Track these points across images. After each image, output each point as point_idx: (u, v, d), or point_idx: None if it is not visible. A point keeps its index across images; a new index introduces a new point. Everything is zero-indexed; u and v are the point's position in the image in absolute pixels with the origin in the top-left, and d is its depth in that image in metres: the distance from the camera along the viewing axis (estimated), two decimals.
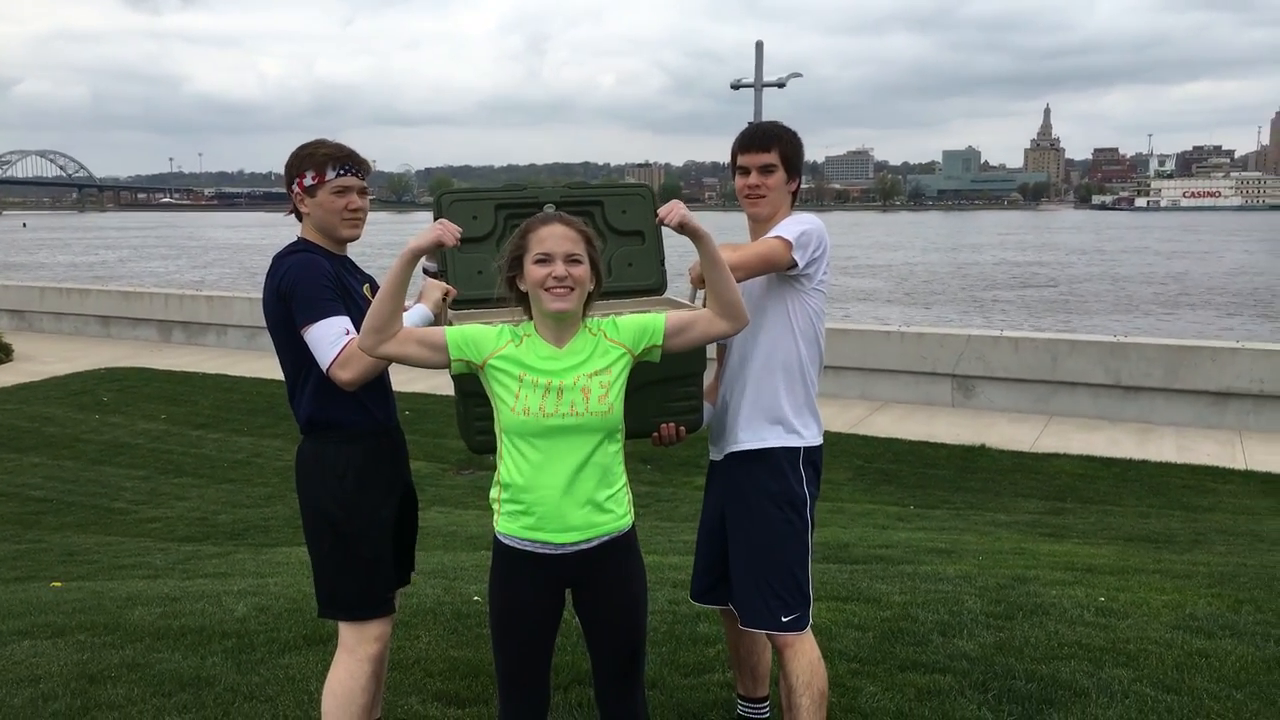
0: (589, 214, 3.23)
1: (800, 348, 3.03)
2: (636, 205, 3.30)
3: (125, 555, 7.30)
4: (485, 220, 3.21)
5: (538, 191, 3.29)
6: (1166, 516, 7.98)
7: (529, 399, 2.46)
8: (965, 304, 37.42)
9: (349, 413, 2.94)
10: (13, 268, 55.20)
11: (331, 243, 3.03)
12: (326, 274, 2.89)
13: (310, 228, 3.04)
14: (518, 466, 2.50)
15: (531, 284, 2.48)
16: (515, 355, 2.51)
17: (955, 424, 11.13)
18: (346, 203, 2.98)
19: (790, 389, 3.03)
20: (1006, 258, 64.44)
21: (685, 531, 7.22)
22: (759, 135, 3.13)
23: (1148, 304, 37.19)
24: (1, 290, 21.13)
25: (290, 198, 3.06)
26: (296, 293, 2.84)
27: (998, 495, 8.85)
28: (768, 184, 3.09)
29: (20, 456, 10.76)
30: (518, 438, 2.49)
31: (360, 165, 3.04)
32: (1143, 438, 10.46)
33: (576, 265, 2.47)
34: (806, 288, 3.03)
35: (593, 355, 2.52)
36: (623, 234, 3.29)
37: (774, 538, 2.97)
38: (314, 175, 2.97)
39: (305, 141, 3.08)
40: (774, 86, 24.50)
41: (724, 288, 2.59)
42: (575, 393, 2.47)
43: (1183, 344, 11.87)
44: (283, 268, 2.89)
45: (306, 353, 2.85)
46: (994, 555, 6.06)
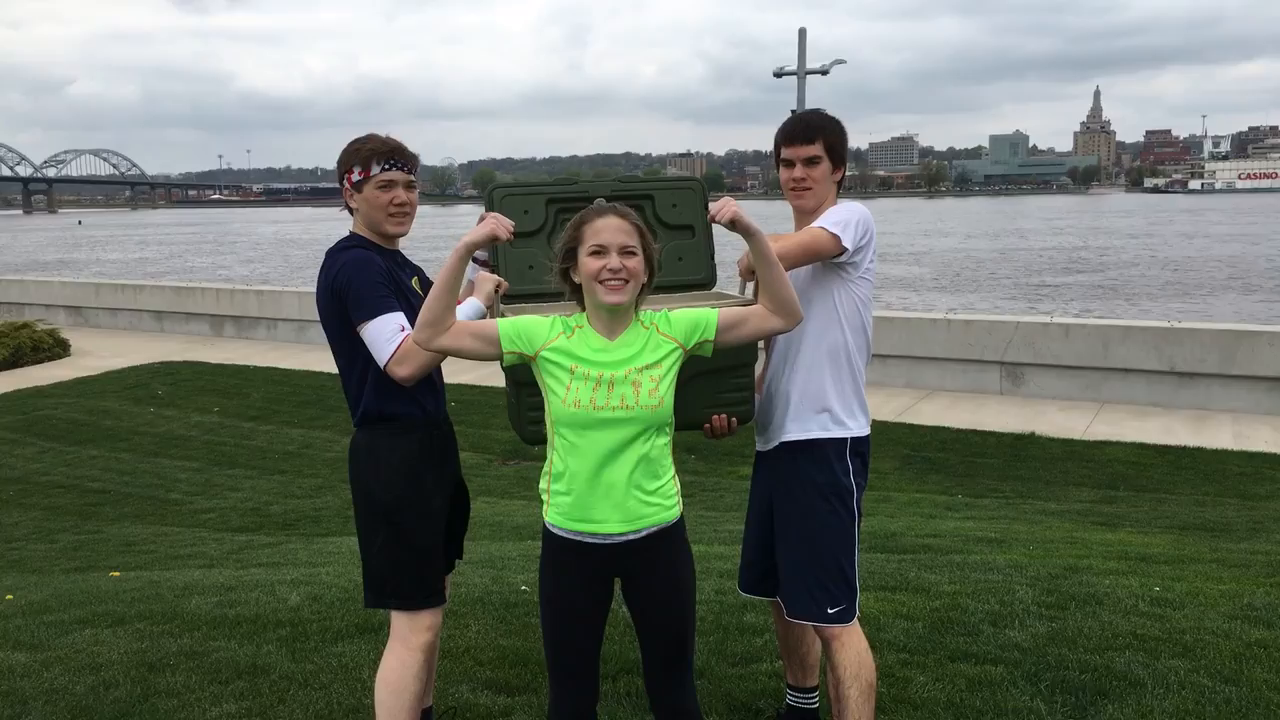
0: (639, 208, 3.18)
1: (847, 336, 3.01)
2: (687, 199, 3.29)
3: (181, 545, 7.46)
4: (536, 215, 3.21)
5: (588, 186, 3.28)
6: (1223, 505, 7.82)
7: (580, 391, 2.47)
8: (1010, 290, 36.86)
9: (402, 405, 2.97)
10: (67, 264, 56.54)
11: (380, 237, 3.05)
12: (380, 270, 2.91)
13: (360, 223, 3.07)
14: (568, 457, 2.51)
15: (586, 276, 2.49)
16: (567, 347, 2.52)
17: (1004, 412, 10.98)
18: (391, 197, 3.00)
19: (837, 378, 3.00)
20: (1053, 243, 63.36)
21: (730, 521, 7.21)
22: (802, 127, 3.08)
23: (1200, 288, 36.34)
24: (59, 287, 21.64)
25: (342, 193, 3.09)
26: (351, 290, 2.86)
27: (1048, 484, 8.72)
28: (813, 176, 3.05)
29: (79, 449, 11.03)
30: (568, 429, 2.50)
31: (406, 159, 3.05)
32: (1198, 425, 10.24)
33: (631, 257, 2.48)
34: (853, 276, 2.99)
35: (644, 349, 2.53)
36: (673, 228, 3.28)
37: (820, 529, 2.95)
38: (360, 170, 2.99)
39: (356, 136, 3.10)
40: (817, 74, 24.30)
41: (778, 285, 2.58)
42: (626, 386, 2.47)
43: (1239, 329, 11.60)
44: (336, 264, 2.93)
45: (360, 347, 2.89)
46: (1045, 544, 5.98)
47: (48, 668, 3.93)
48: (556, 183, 3.31)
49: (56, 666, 3.93)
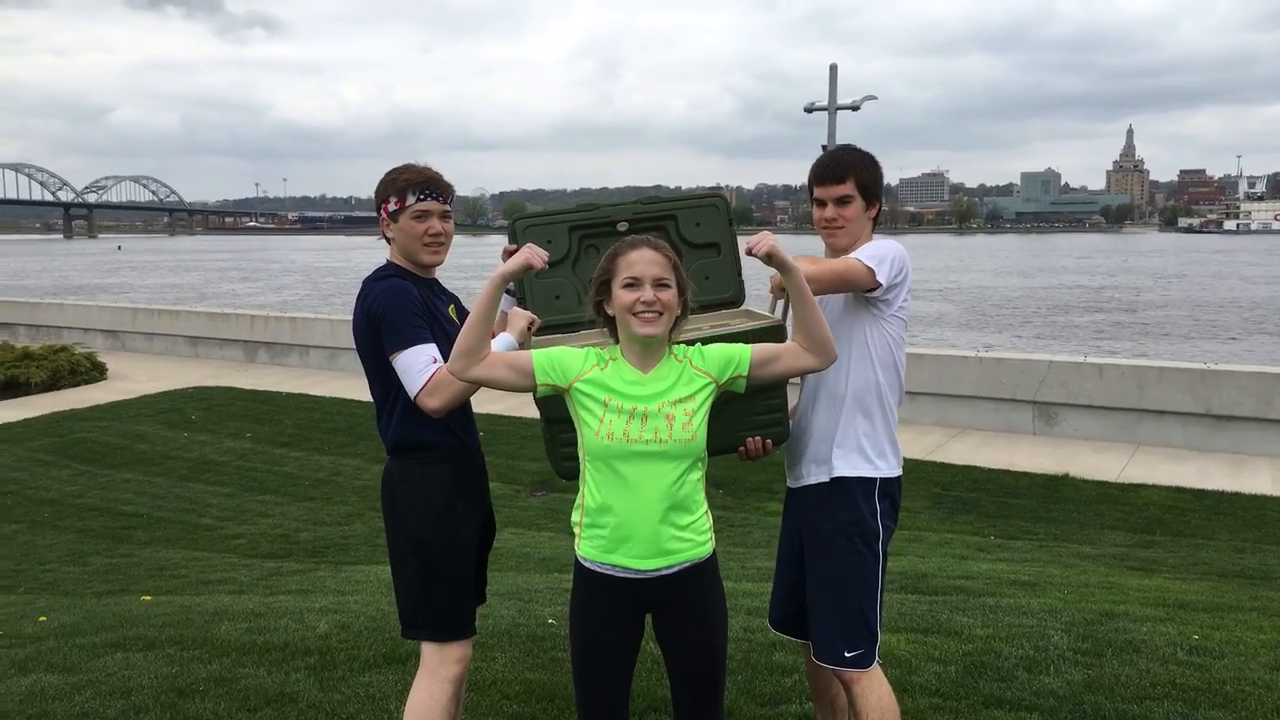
0: (662, 228, 3.21)
1: (879, 375, 2.97)
2: (710, 217, 3.26)
3: (212, 570, 7.50)
4: (560, 243, 3.20)
5: (610, 211, 3.26)
6: (1263, 552, 7.66)
7: (613, 424, 2.47)
8: (1039, 328, 36.52)
9: (435, 435, 2.98)
10: (103, 289, 57.44)
11: (416, 267, 3.06)
12: (414, 300, 2.92)
13: (396, 252, 3.09)
14: (601, 491, 2.51)
15: (620, 308, 2.50)
16: (601, 379, 2.53)
17: (1036, 452, 10.86)
18: (426, 228, 3.01)
19: (868, 418, 2.97)
20: (1081, 282, 62.83)
21: (759, 558, 7.15)
22: (833, 166, 3.05)
23: (1232, 329, 35.84)
24: (97, 311, 21.99)
25: (379, 222, 3.10)
26: (385, 319, 2.88)
27: (1083, 526, 8.59)
28: (844, 215, 3.02)
29: (114, 472, 11.16)
30: (601, 462, 2.50)
31: (442, 189, 3.06)
32: (1235, 469, 10.07)
33: (665, 290, 2.48)
34: (885, 313, 2.96)
35: (678, 382, 2.53)
36: (698, 247, 3.25)
37: (842, 570, 2.90)
38: (396, 200, 3.00)
39: (394, 166, 3.11)
40: (848, 109, 24.36)
41: (814, 324, 2.57)
42: (659, 419, 2.47)
43: (1276, 371, 11.42)
44: (373, 293, 2.95)
45: (395, 376, 2.90)
46: (1080, 589, 5.88)
47: (79, 691, 3.95)
48: (578, 209, 3.27)
49: (88, 690, 3.96)
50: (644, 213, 3.24)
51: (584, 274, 3.20)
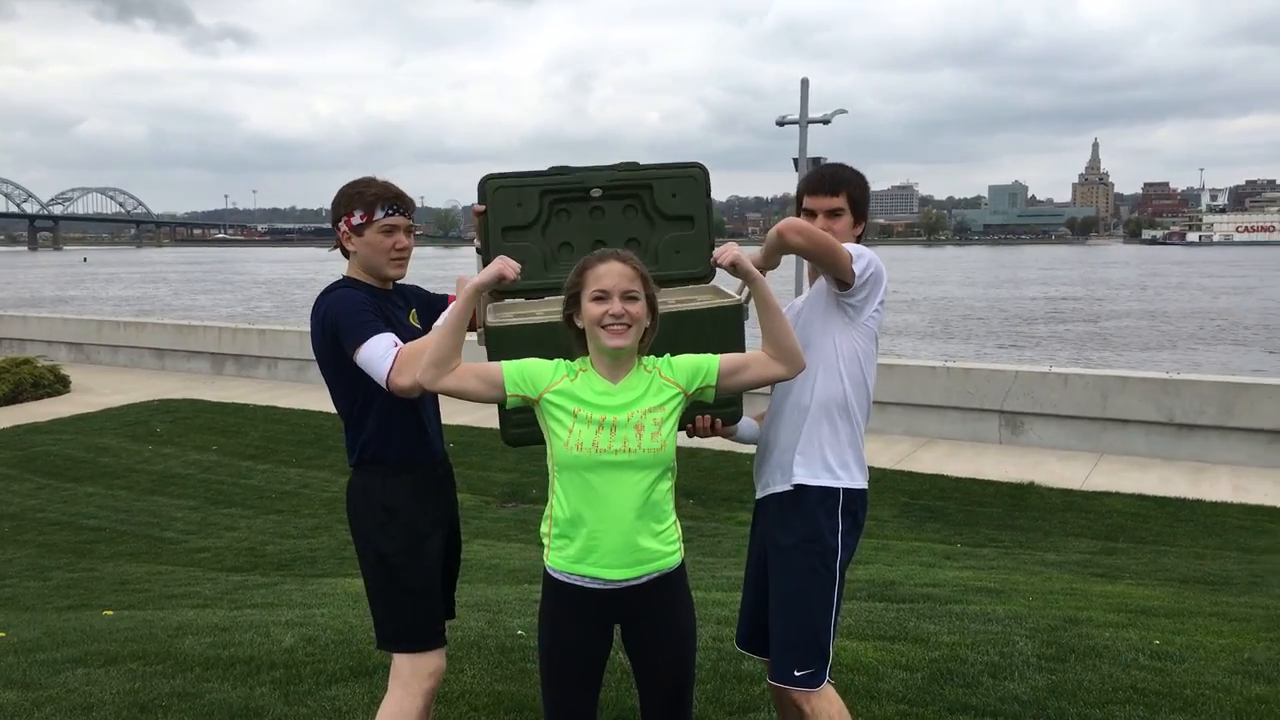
0: (637, 197, 3.14)
1: (846, 387, 2.94)
2: (688, 188, 3.16)
3: (175, 584, 7.41)
4: (530, 207, 3.12)
5: (584, 176, 3.15)
6: (1223, 558, 7.79)
7: (582, 434, 2.48)
8: (1001, 338, 36.95)
9: (396, 446, 2.97)
10: (66, 301, 56.66)
11: (377, 280, 3.05)
12: (365, 302, 2.92)
13: (356, 265, 3.06)
14: (570, 501, 2.51)
15: (589, 321, 2.52)
16: (570, 390, 2.54)
17: (1003, 461, 10.97)
18: (394, 242, 3.00)
19: (833, 429, 2.93)
20: (1045, 292, 63.61)
21: (728, 567, 7.17)
22: (828, 178, 3.06)
23: (1189, 340, 36.43)
24: (61, 324, 21.70)
25: (337, 234, 3.07)
26: (340, 322, 2.88)
27: (1048, 534, 8.69)
28: (834, 228, 3.00)
29: (76, 486, 11.00)
30: (570, 472, 2.51)
31: (407, 204, 3.06)
32: (1197, 477, 10.22)
33: (633, 303, 2.50)
34: (856, 321, 2.94)
35: (647, 392, 2.55)
36: (672, 219, 3.17)
37: (799, 589, 2.87)
38: (362, 214, 2.98)
39: (353, 179, 3.09)
40: (819, 123, 24.53)
41: (781, 333, 2.59)
42: (629, 429, 2.48)
43: (1238, 381, 11.63)
44: (325, 303, 2.95)
45: (357, 385, 2.90)
46: (1045, 595, 5.95)
47: (39, 707, 3.89)
48: (552, 172, 3.16)
49: (48, 706, 3.90)
50: (619, 180, 3.15)
51: (553, 239, 3.17)
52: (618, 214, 3.18)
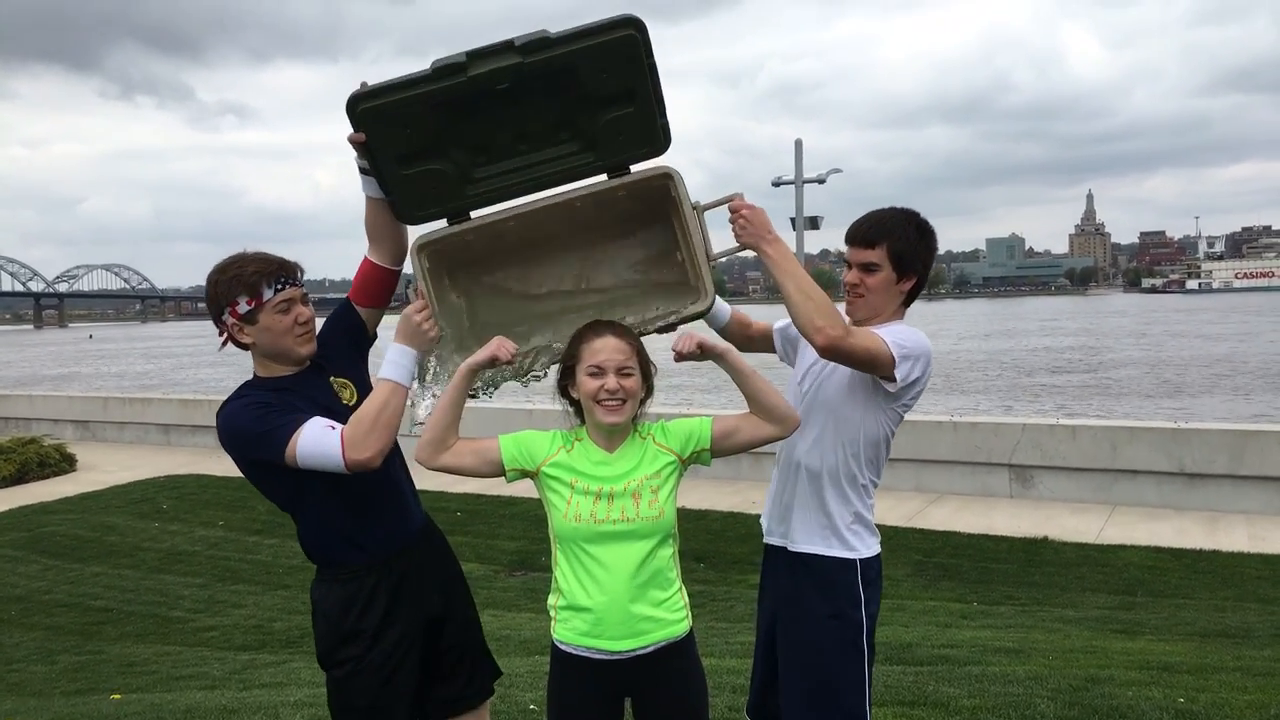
0: (560, 84, 2.55)
1: (863, 456, 2.84)
2: (617, 60, 2.52)
3: (183, 665, 7.32)
4: (423, 125, 2.55)
5: (482, 75, 2.48)
6: (1243, 610, 7.67)
7: (581, 505, 2.50)
8: (1006, 391, 36.86)
9: (339, 550, 2.79)
10: (68, 378, 56.85)
11: (288, 365, 2.75)
12: (259, 402, 2.64)
13: (259, 359, 2.75)
14: (573, 572, 2.52)
15: (584, 395, 2.55)
16: (567, 462, 2.55)
17: (1015, 515, 10.88)
18: (295, 316, 2.69)
19: (843, 500, 2.83)
20: (1048, 343, 63.66)
21: (742, 633, 7.07)
22: (863, 229, 2.79)
23: (1191, 388, 36.30)
24: (67, 402, 21.74)
25: (222, 330, 2.71)
26: (247, 439, 2.62)
27: (1064, 589, 8.58)
28: (867, 284, 2.78)
29: (82, 566, 10.92)
30: (571, 544, 2.52)
31: (294, 272, 2.73)
32: (1211, 527, 10.12)
33: (628, 378, 2.53)
34: (887, 407, 2.80)
35: (643, 461, 2.56)
36: (607, 100, 2.60)
37: (828, 676, 2.75)
38: (249, 299, 2.64)
39: (221, 262, 2.71)
40: (814, 182, 24.83)
41: (763, 395, 2.58)
42: (626, 499, 2.50)
43: (1247, 429, 11.57)
44: (221, 426, 2.72)
45: (289, 490, 2.74)
46: (1064, 654, 5.86)
47: None
48: (436, 74, 2.47)
49: None
50: (530, 68, 2.49)
51: (463, 145, 2.64)
52: (538, 99, 2.59)
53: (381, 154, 2.62)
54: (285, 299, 2.68)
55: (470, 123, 2.59)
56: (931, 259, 2.87)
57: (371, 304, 2.95)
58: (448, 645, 2.91)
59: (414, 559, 2.86)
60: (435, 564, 2.94)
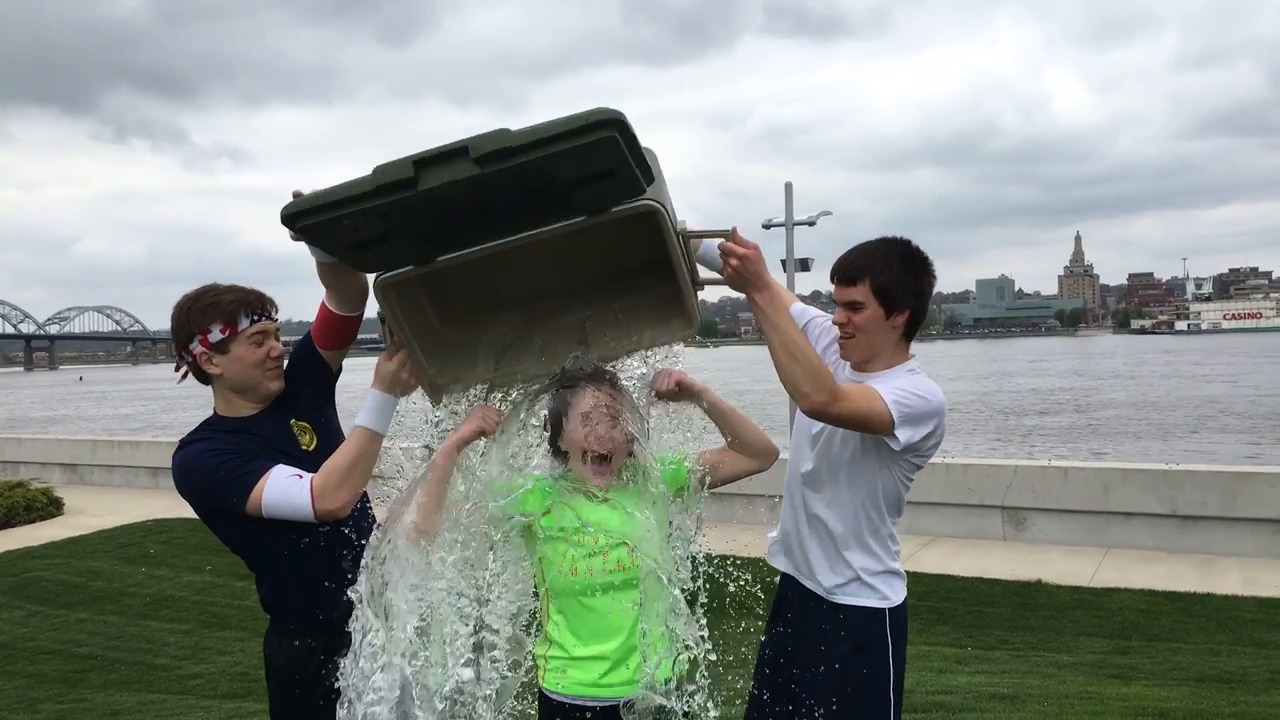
0: (527, 182, 2.19)
1: (883, 507, 2.73)
2: (594, 159, 2.15)
3: (168, 713, 7.20)
4: (371, 225, 2.26)
5: (434, 194, 2.14)
6: (1238, 654, 7.63)
7: (575, 560, 2.49)
8: (992, 433, 36.87)
9: (298, 604, 2.69)
10: (56, 421, 56.53)
11: (254, 402, 2.67)
12: (218, 450, 2.55)
13: (223, 394, 2.67)
14: (568, 624, 2.51)
15: (573, 446, 2.55)
16: (559, 515, 2.54)
17: (1009, 558, 10.83)
18: (267, 350, 2.63)
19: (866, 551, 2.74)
20: (1037, 384, 63.82)
21: (736, 679, 7.00)
22: (846, 264, 2.66)
23: (1178, 429, 36.39)
24: (55, 445, 21.60)
25: (185, 360, 2.63)
26: (208, 489, 2.54)
27: (1059, 634, 8.52)
28: (855, 322, 2.63)
29: (68, 612, 10.77)
30: (567, 597, 2.51)
31: (271, 305, 2.67)
32: (1205, 570, 10.09)
33: (617, 426, 2.54)
34: (899, 460, 2.67)
35: (636, 514, 2.54)
36: (586, 180, 2.24)
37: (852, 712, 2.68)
38: (223, 327, 2.57)
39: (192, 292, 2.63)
40: (805, 225, 25.01)
41: (742, 432, 2.61)
42: (620, 550, 2.49)
43: (1239, 470, 11.57)
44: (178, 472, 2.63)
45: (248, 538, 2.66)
46: (1060, 700, 5.81)
47: None
48: (379, 190, 2.14)
49: None
50: (489, 179, 2.13)
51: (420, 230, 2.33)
52: (497, 198, 2.26)
53: (328, 248, 2.46)
54: (260, 330, 2.63)
55: (424, 221, 2.29)
56: (925, 289, 2.67)
57: (333, 347, 2.83)
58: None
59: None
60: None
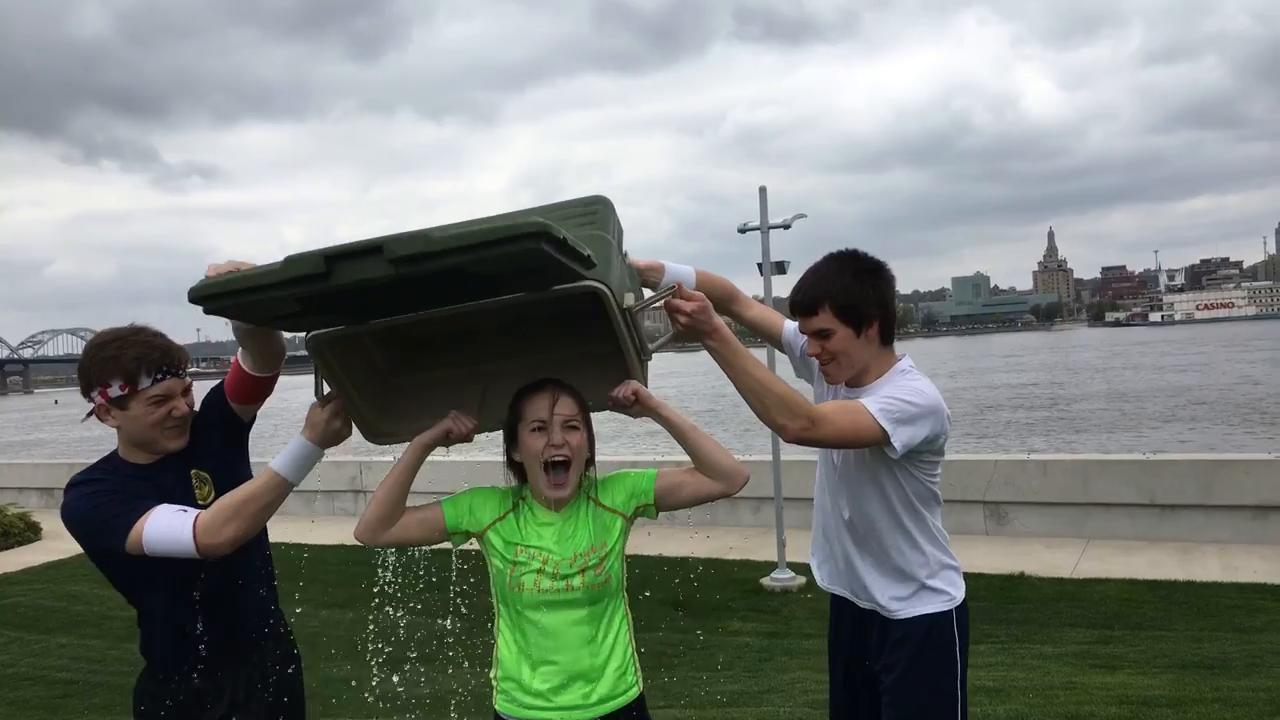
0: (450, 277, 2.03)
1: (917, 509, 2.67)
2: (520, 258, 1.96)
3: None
4: (286, 306, 2.13)
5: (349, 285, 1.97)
6: (1219, 639, 7.70)
7: (524, 577, 2.41)
8: (967, 428, 37.07)
9: (160, 646, 2.56)
10: (32, 445, 55.90)
11: (151, 455, 2.55)
12: (101, 493, 2.46)
13: (123, 441, 2.55)
14: (515, 642, 2.43)
15: (528, 456, 2.44)
16: (512, 529, 2.46)
17: (991, 552, 10.89)
18: (169, 410, 2.49)
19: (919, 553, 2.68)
20: (1010, 379, 64.24)
21: (723, 680, 7.01)
22: (802, 296, 2.62)
23: (1152, 419, 36.70)
24: (32, 469, 21.35)
25: (95, 409, 2.50)
26: (90, 529, 2.44)
27: (1043, 626, 8.58)
28: (829, 349, 2.61)
29: (47, 637, 10.65)
30: (514, 611, 2.44)
31: (179, 361, 2.52)
32: (1185, 557, 10.19)
33: (573, 433, 2.43)
34: (915, 464, 2.61)
35: (591, 530, 2.46)
36: (513, 277, 2.14)
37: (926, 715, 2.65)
38: (123, 384, 2.42)
39: (102, 336, 2.50)
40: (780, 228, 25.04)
41: (704, 452, 2.45)
42: (573, 571, 2.41)
43: (1215, 458, 11.69)
44: (65, 508, 2.53)
45: (131, 578, 2.54)
46: (1045, 692, 5.84)
47: None
48: (289, 281, 1.99)
49: None
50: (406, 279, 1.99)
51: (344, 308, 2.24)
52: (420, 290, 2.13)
53: (249, 320, 2.36)
54: (161, 392, 2.46)
55: (345, 297, 2.11)
56: (887, 294, 2.64)
57: (244, 403, 2.76)
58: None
59: (257, 668, 2.65)
60: (279, 676, 2.72)
